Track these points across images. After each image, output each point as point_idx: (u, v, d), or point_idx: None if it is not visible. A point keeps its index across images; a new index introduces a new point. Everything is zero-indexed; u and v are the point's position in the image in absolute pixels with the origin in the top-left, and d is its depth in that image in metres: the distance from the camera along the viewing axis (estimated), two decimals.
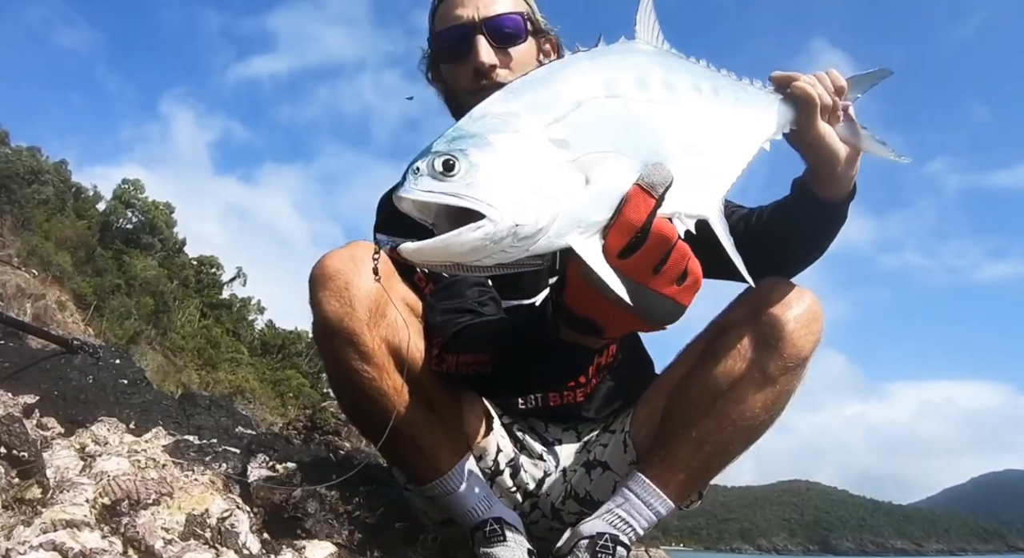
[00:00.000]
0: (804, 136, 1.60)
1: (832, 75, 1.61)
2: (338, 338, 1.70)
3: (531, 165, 1.13)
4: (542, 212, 1.12)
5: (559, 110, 1.18)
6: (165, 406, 3.53)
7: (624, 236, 1.18)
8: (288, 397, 21.67)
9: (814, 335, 1.76)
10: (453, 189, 1.08)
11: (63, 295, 17.86)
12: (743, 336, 1.77)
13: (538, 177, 1.12)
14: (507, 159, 1.11)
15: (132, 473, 1.81)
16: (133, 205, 29.99)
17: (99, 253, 24.81)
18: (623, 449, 1.95)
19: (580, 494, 2.00)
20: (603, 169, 1.18)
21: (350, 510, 2.02)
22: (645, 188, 1.18)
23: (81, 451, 2.07)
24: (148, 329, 21.87)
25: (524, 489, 2.00)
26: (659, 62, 1.37)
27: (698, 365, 1.84)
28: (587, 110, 1.21)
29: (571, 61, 1.28)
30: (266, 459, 2.41)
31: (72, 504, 1.61)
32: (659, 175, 1.19)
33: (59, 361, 3.55)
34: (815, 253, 1.88)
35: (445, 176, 1.08)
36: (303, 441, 3.41)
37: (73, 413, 2.77)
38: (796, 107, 1.58)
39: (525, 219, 1.10)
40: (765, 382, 1.74)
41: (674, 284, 1.25)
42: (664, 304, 1.26)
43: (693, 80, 1.39)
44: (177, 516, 1.68)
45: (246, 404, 14.68)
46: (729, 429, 1.77)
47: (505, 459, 1.97)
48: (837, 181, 1.68)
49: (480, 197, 1.08)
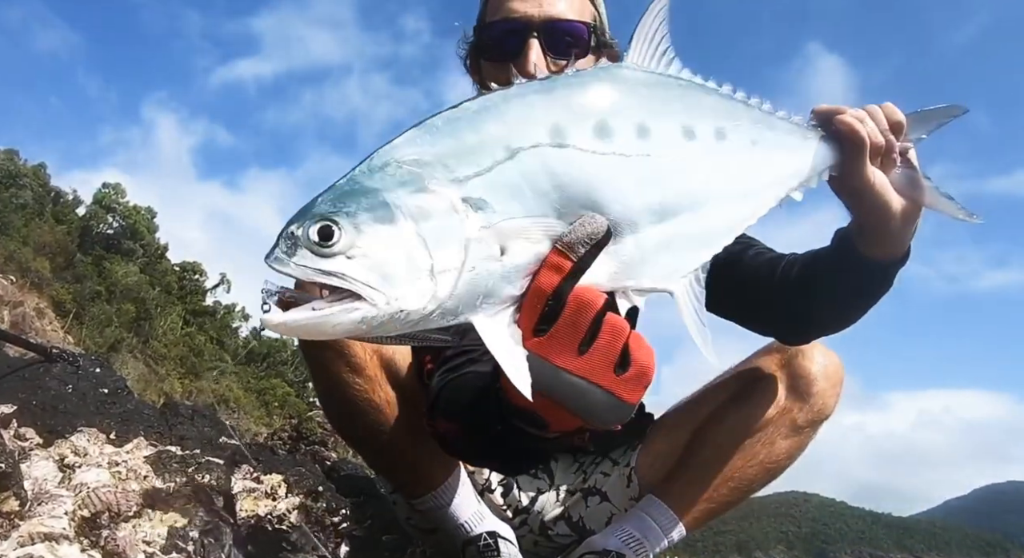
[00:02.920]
0: (849, 183, 1.35)
1: (888, 109, 1.36)
2: (329, 350, 1.70)
3: (432, 235, 0.92)
4: (436, 293, 0.92)
5: (484, 162, 0.96)
6: (147, 416, 3.51)
7: (535, 306, 0.97)
8: (273, 407, 21.54)
9: (837, 396, 1.91)
10: (328, 266, 0.90)
11: (41, 302, 17.73)
12: (776, 385, 1.89)
13: (439, 251, 0.92)
14: (401, 228, 0.91)
15: (112, 485, 1.80)
16: (114, 210, 29.83)
17: (79, 259, 24.66)
18: (626, 483, 2.01)
19: (573, 518, 2.03)
20: (525, 237, 0.97)
21: (337, 522, 2.02)
22: (562, 249, 0.97)
23: (60, 462, 2.06)
24: (129, 337, 21.72)
25: (516, 506, 2.01)
26: (640, 98, 1.11)
27: (729, 406, 1.94)
28: (520, 163, 0.98)
29: (517, 93, 1.03)
30: (250, 470, 2.41)
31: (51, 517, 1.61)
32: (580, 232, 0.98)
33: (37, 370, 3.52)
34: (850, 317, 1.67)
35: (322, 246, 0.89)
36: (289, 452, 3.41)
37: (52, 423, 2.76)
38: (840, 147, 1.32)
39: (413, 304, 0.91)
40: (792, 431, 1.89)
41: (610, 372, 1.00)
42: (598, 398, 1.01)
43: (686, 122, 1.13)
44: (159, 529, 1.68)
45: (230, 414, 14.58)
46: (754, 468, 1.89)
47: (497, 477, 1.99)
48: (888, 239, 1.45)
49: (359, 278, 0.89)
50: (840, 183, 1.36)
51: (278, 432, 3.90)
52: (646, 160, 1.06)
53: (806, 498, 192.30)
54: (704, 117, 1.15)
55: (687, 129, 1.12)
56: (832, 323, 1.71)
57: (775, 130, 1.26)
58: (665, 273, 1.10)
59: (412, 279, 0.90)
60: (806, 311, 1.66)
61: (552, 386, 0.99)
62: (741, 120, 1.21)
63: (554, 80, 1.06)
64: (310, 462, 3.22)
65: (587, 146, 1.02)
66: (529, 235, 0.97)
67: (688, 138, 1.12)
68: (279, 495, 2.17)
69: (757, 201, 1.22)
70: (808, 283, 1.62)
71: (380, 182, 0.93)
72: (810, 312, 1.67)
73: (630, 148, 1.05)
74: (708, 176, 1.14)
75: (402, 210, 0.91)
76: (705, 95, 1.19)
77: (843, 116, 1.30)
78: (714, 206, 1.15)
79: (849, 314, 1.65)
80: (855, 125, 1.29)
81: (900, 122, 1.35)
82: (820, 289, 1.60)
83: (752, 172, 1.22)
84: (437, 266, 0.91)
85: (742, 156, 1.19)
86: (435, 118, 1.00)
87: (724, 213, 1.18)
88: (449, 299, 0.93)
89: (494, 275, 0.95)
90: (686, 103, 1.16)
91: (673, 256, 1.11)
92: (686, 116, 1.13)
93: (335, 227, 0.89)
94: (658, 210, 1.08)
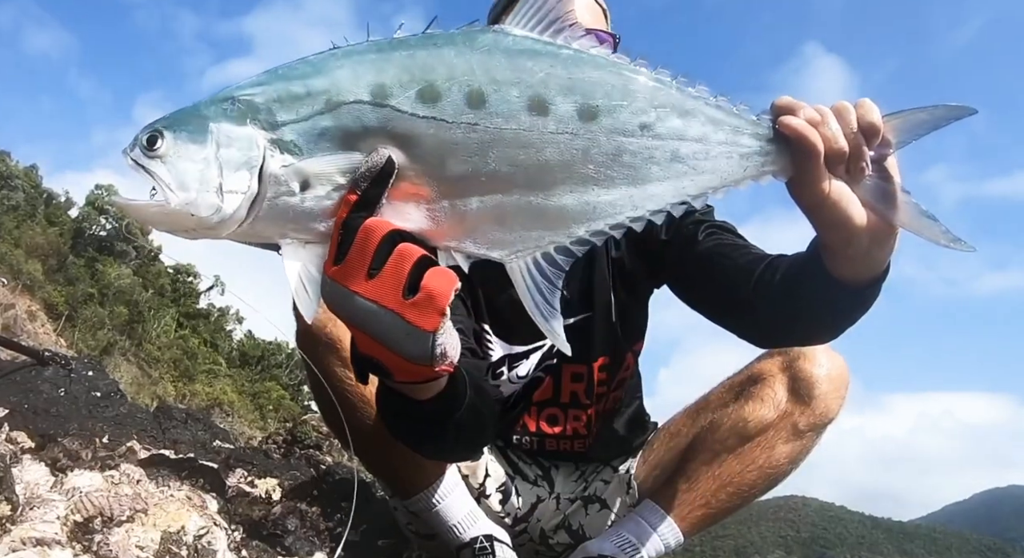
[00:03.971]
0: (799, 193, 1.17)
1: (862, 109, 1.14)
2: (321, 345, 1.72)
3: (229, 161, 1.08)
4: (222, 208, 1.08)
5: (303, 111, 1.08)
6: (140, 419, 3.52)
7: (333, 239, 1.07)
8: (267, 410, 21.51)
9: (841, 399, 1.87)
10: (147, 164, 1.10)
11: (34, 305, 17.71)
12: (777, 388, 1.87)
13: (230, 175, 1.08)
14: (206, 150, 1.09)
15: (105, 489, 1.80)
16: (107, 211, 29.79)
17: (71, 261, 24.62)
18: (625, 490, 2.01)
19: (573, 526, 2.03)
20: (326, 178, 1.08)
21: (332, 527, 2.02)
22: (350, 184, 1.06)
23: (52, 466, 2.06)
24: (122, 340, 21.68)
25: (515, 514, 2.02)
26: (490, 65, 1.08)
27: (728, 410, 1.93)
28: (336, 117, 1.08)
29: (359, 49, 1.10)
30: (245, 474, 2.41)
31: (42, 521, 1.60)
32: (363, 167, 1.05)
33: (29, 373, 3.52)
34: (823, 333, 1.55)
35: (148, 148, 1.10)
36: (283, 455, 3.41)
37: (44, 427, 2.76)
38: (791, 149, 1.14)
39: (201, 211, 1.07)
40: (793, 435, 1.86)
41: (398, 295, 1.03)
42: (389, 321, 1.04)
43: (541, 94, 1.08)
44: (152, 534, 1.67)
45: (224, 417, 14.56)
46: (753, 473, 1.87)
47: (495, 484, 1.99)
48: (855, 261, 1.25)
49: (162, 178, 1.08)
50: (793, 191, 1.19)
51: (272, 436, 3.90)
52: (471, 128, 1.07)
53: (805, 502, 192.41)
54: (572, 93, 1.09)
55: (538, 102, 1.07)
56: (807, 335, 1.62)
57: (689, 118, 1.13)
58: (494, 243, 1.12)
59: (201, 191, 1.07)
60: (780, 320, 1.54)
61: (349, 311, 1.06)
62: (632, 101, 1.11)
63: (403, 41, 1.10)
64: (305, 466, 3.23)
65: (407, 108, 1.07)
66: (328, 175, 1.08)
67: (536, 113, 1.07)
68: (274, 499, 2.17)
69: (639, 193, 1.12)
70: (786, 292, 1.48)
71: (213, 112, 1.11)
72: (784, 321, 1.54)
73: (455, 115, 1.07)
74: (558, 157, 1.08)
75: (214, 136, 1.09)
76: (590, 69, 1.11)
77: (788, 118, 1.12)
78: (565, 189, 1.10)
79: (822, 331, 1.53)
80: (802, 129, 1.11)
81: (874, 124, 1.13)
82: (796, 300, 1.45)
83: (633, 160, 1.11)
84: (225, 186, 1.07)
85: (617, 141, 1.10)
86: (284, 65, 1.14)
87: (580, 197, 1.10)
88: (246, 220, 1.09)
89: (294, 208, 1.09)
90: (552, 74, 1.09)
91: (504, 229, 1.11)
92: (543, 89, 1.08)
93: (160, 136, 1.09)
94: (486, 180, 1.08)
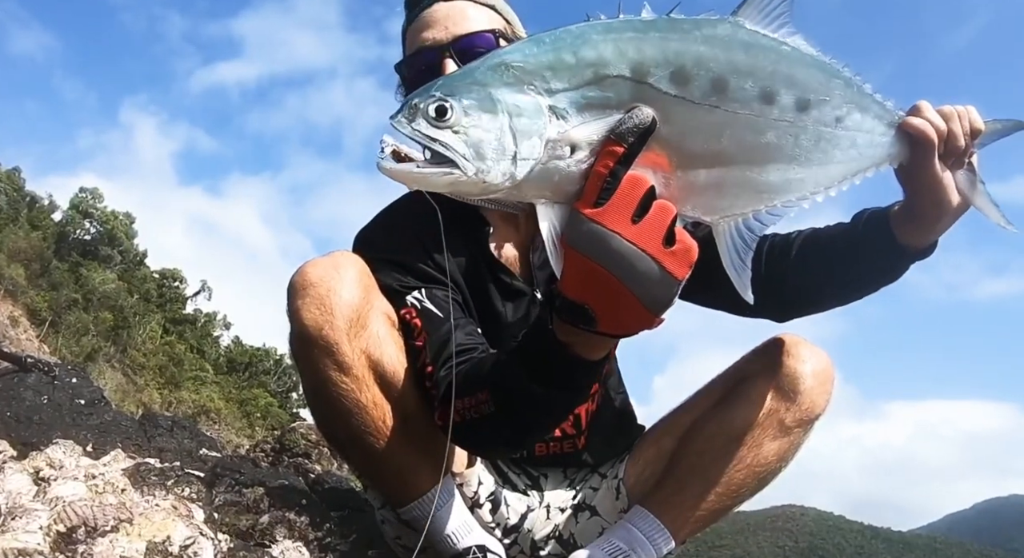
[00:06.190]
0: (919, 178, 1.53)
1: (972, 114, 1.53)
2: (316, 348, 1.70)
3: (521, 129, 1.16)
4: (515, 174, 1.17)
5: (573, 80, 1.18)
6: (125, 427, 3.50)
7: (595, 186, 1.15)
8: (255, 418, 21.46)
9: (827, 394, 1.90)
10: (437, 135, 1.15)
11: (16, 310, 17.65)
12: (761, 385, 1.88)
13: (524, 143, 1.16)
14: (500, 119, 1.16)
15: (89, 498, 1.80)
16: (91, 215, 29.70)
17: (55, 266, 24.53)
18: (615, 495, 2.01)
19: (564, 536, 2.03)
20: (588, 143, 1.18)
21: (320, 537, 2.02)
22: (614, 138, 1.15)
23: (35, 475, 2.05)
24: (107, 346, 21.62)
25: (505, 525, 2.01)
26: (729, 55, 1.24)
27: (714, 410, 1.94)
28: (601, 88, 1.18)
29: (616, 26, 1.20)
30: (232, 483, 2.40)
31: (25, 531, 1.60)
32: (629, 123, 1.15)
33: (11, 380, 3.52)
34: (851, 296, 1.85)
35: (436, 119, 1.15)
36: (271, 464, 3.40)
37: (26, 435, 2.75)
38: (911, 142, 1.49)
39: (494, 178, 1.16)
40: (780, 432, 1.87)
41: (659, 243, 1.14)
42: (647, 265, 1.14)
43: (770, 86, 1.26)
44: (137, 544, 1.67)
45: (211, 425, 14.54)
46: (742, 473, 1.87)
47: (486, 492, 1.98)
48: (932, 231, 1.63)
49: (459, 149, 1.15)
50: (908, 174, 1.53)
51: (260, 444, 3.90)
52: (712, 111, 1.22)
53: (803, 512, 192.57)
54: (793, 86, 1.29)
55: (767, 93, 1.26)
56: (835, 298, 1.87)
57: (865, 113, 1.41)
58: (709, 208, 1.28)
59: (498, 159, 1.16)
60: (806, 285, 1.83)
61: (603, 250, 1.14)
62: (832, 97, 1.34)
63: (654, 22, 1.21)
64: (293, 475, 3.21)
65: (662, 87, 1.19)
66: (592, 141, 1.17)
67: (765, 101, 1.26)
68: (261, 508, 2.17)
69: (822, 173, 1.36)
70: (827, 254, 1.79)
71: (490, 79, 1.17)
72: (815, 285, 1.84)
73: (702, 97, 1.21)
74: (776, 140, 1.28)
75: (503, 104, 1.16)
76: (804, 66, 1.31)
77: (913, 119, 1.47)
78: (775, 166, 1.30)
79: (852, 290, 1.82)
80: (924, 128, 1.46)
81: (980, 129, 1.52)
82: (839, 262, 1.77)
83: (827, 146, 1.35)
84: (520, 154, 1.16)
85: (820, 130, 1.33)
86: (545, 34, 1.21)
87: (783, 174, 1.31)
88: (524, 183, 1.18)
89: (560, 171, 1.18)
90: (778, 69, 1.28)
91: (720, 196, 1.28)
92: (771, 81, 1.26)
93: (449, 107, 1.15)
94: (715, 155, 1.24)
